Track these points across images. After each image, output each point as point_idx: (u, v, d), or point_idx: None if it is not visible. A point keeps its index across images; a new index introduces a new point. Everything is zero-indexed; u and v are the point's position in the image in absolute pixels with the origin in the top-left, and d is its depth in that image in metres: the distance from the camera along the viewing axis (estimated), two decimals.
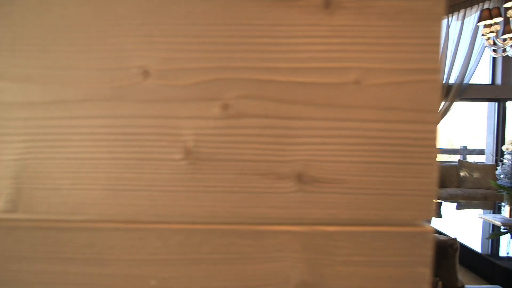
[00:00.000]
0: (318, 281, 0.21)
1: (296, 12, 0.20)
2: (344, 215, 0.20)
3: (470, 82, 4.70)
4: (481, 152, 5.23)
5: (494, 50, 3.49)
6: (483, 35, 3.08)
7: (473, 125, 5.50)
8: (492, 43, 3.11)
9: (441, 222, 2.73)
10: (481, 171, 4.24)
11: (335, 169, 0.20)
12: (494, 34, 3.10)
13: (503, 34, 3.06)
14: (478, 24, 3.14)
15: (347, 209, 0.20)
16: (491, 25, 3.05)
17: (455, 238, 1.28)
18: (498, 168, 4.52)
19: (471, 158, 5.41)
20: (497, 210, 3.08)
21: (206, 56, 0.20)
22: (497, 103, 4.90)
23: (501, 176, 4.40)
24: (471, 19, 4.54)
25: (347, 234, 0.20)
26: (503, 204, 3.00)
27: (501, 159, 4.63)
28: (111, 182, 0.21)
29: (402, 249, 0.21)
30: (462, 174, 4.33)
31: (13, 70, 0.20)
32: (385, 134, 0.20)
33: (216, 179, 0.21)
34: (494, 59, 4.84)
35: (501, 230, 2.45)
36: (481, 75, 4.96)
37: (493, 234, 2.47)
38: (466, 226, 2.57)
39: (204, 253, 0.21)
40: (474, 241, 2.22)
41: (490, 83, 4.95)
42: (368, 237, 0.21)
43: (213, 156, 0.20)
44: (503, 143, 4.49)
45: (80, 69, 0.20)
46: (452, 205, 3.37)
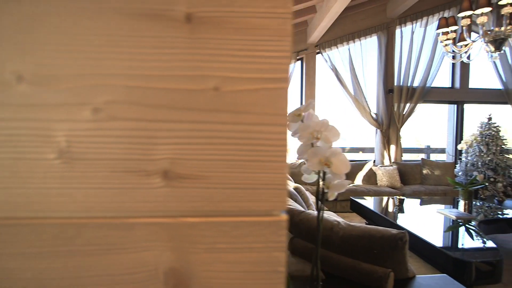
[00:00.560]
0: (185, 267, 0.23)
1: (161, 26, 0.22)
2: (207, 207, 0.23)
3: (432, 86, 5.01)
4: (443, 151, 5.58)
5: (453, 57, 3.73)
6: (441, 41, 3.29)
7: (436, 126, 5.84)
8: (449, 49, 3.33)
9: (404, 217, 2.89)
10: (441, 169, 4.52)
11: (198, 166, 0.23)
12: (451, 41, 3.32)
13: (458, 42, 3.29)
14: (437, 32, 3.35)
15: (210, 202, 0.23)
16: (448, 32, 3.27)
17: (405, 232, 1.37)
18: (457, 166, 4.85)
19: (434, 157, 5.75)
20: (456, 205, 3.30)
21: (77, 63, 0.22)
22: (456, 105, 5.25)
23: (459, 173, 4.73)
24: (433, 26, 4.84)
25: (210, 224, 0.23)
26: (459, 199, 3.22)
27: (459, 157, 4.97)
28: None
29: (260, 236, 0.23)
30: (424, 171, 4.60)
31: None
32: (242, 135, 0.23)
33: (89, 176, 0.22)
34: (453, 64, 5.18)
35: (458, 223, 2.63)
36: (442, 79, 5.29)
37: (450, 227, 2.65)
38: (427, 220, 2.74)
39: (78, 245, 0.22)
40: (432, 234, 2.36)
41: (450, 86, 5.30)
42: (230, 226, 0.23)
43: (85, 156, 0.22)
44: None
45: None
46: (416, 201, 3.56)
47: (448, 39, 3.25)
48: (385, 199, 3.59)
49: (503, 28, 2.86)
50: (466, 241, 2.32)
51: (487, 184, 4.31)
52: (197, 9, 0.22)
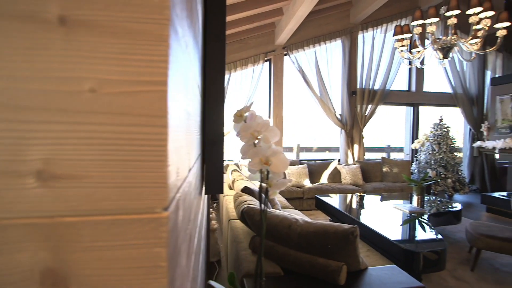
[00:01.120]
0: (63, 267, 0.23)
1: (34, 27, 0.22)
2: (84, 207, 0.23)
3: (392, 89, 5.33)
4: (401, 150, 5.97)
5: (410, 62, 4.00)
6: (396, 48, 3.51)
7: (396, 126, 6.21)
8: (404, 55, 3.57)
9: (364, 212, 3.04)
10: (399, 166, 4.83)
11: (74, 166, 0.23)
12: (406, 48, 3.56)
13: (412, 48, 3.53)
14: (393, 38, 3.57)
15: (87, 201, 0.23)
16: (403, 39, 3.50)
17: (356, 226, 1.45)
18: (413, 164, 5.21)
19: (394, 155, 6.12)
20: (411, 200, 3.54)
21: None
22: (412, 107, 5.64)
23: (415, 171, 5.08)
24: (392, 33, 5.16)
25: (88, 223, 0.23)
26: (413, 194, 3.45)
27: (416, 156, 5.34)
28: None
29: (140, 233, 0.24)
30: (384, 169, 4.88)
31: None
32: (120, 136, 0.24)
33: None
34: (410, 69, 5.56)
35: (411, 217, 2.83)
36: (400, 82, 5.66)
37: (404, 221, 2.83)
38: (384, 215, 2.90)
39: None
40: (388, 228, 2.51)
41: (407, 89, 5.67)
42: (108, 224, 0.24)
43: None
44: None
45: None
46: (377, 198, 3.76)
47: (403, 45, 3.48)
48: (349, 196, 3.75)
49: (449, 37, 3.12)
50: (416, 233, 2.51)
51: (438, 180, 4.68)
52: (71, 12, 0.23)
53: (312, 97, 5.06)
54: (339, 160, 5.19)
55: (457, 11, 2.84)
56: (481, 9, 2.75)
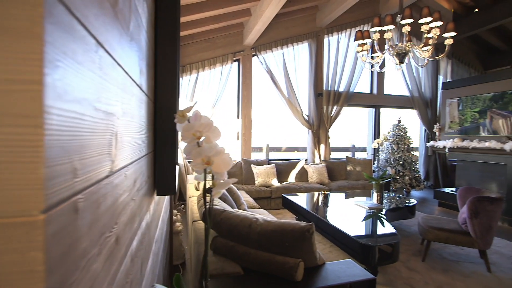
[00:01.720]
0: None
1: None
2: None
3: (355, 91, 5.59)
4: (365, 149, 6.28)
5: (372, 66, 4.21)
6: (357, 52, 3.68)
7: (360, 127, 6.51)
8: (365, 59, 3.74)
9: (328, 210, 3.15)
10: (362, 165, 5.07)
11: None
12: (366, 52, 3.74)
13: (372, 53, 3.72)
14: (354, 43, 3.73)
15: None
16: (363, 44, 3.67)
17: (312, 223, 1.49)
18: (374, 162, 5.51)
19: (358, 155, 6.42)
20: (371, 197, 3.73)
21: None
22: (374, 109, 5.96)
23: (377, 169, 5.38)
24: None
25: None
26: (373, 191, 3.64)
27: (377, 155, 5.65)
28: None
29: (12, 237, 0.23)
30: (348, 168, 5.10)
31: None
32: None
33: None
34: (372, 72, 5.87)
35: (370, 213, 2.98)
36: (363, 85, 5.95)
37: (366, 216, 2.97)
38: (346, 212, 3.02)
39: None
40: (348, 224, 2.62)
41: (369, 92, 5.98)
42: None
43: None
44: None
45: None
46: (341, 195, 3.90)
47: (363, 50, 3.66)
48: (315, 194, 3.86)
49: (404, 44, 3.34)
50: (373, 228, 2.65)
51: (397, 177, 4.99)
52: None
53: (280, 97, 5.15)
54: (306, 160, 5.33)
55: (411, 20, 3.04)
56: (431, 19, 2.97)
